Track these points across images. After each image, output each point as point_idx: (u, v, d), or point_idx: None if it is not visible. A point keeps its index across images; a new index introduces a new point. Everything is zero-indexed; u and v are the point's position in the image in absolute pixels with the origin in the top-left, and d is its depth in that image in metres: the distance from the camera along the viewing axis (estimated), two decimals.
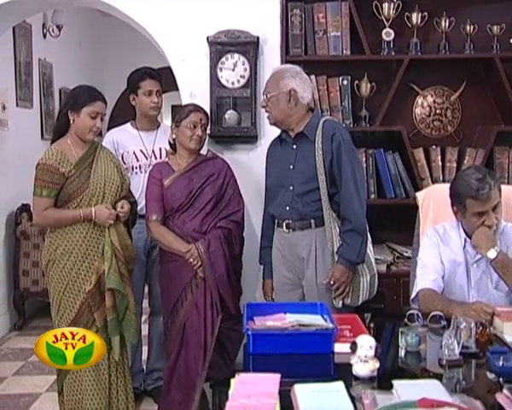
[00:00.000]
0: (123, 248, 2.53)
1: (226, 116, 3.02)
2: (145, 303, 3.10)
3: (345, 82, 3.06)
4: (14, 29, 4.31)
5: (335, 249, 2.41)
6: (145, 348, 3.12)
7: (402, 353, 1.70)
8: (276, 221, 2.54)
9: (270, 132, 2.88)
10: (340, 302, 2.42)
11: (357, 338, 1.54)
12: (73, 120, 2.49)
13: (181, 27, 3.05)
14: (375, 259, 2.80)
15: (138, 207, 2.76)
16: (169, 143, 2.78)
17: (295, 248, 2.48)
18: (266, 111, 2.49)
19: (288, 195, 2.46)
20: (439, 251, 2.19)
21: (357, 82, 3.07)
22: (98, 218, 2.47)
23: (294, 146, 2.48)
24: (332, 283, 2.38)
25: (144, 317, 3.22)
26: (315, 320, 1.79)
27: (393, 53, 3.06)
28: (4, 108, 4.22)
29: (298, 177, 2.44)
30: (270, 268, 2.61)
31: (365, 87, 3.07)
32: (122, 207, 2.52)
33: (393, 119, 3.11)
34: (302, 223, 2.45)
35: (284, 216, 2.48)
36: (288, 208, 2.46)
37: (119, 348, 2.51)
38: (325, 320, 1.81)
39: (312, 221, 2.44)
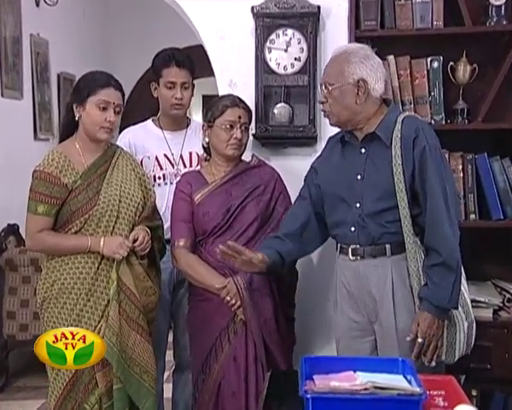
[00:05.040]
0: (140, 293, 2.63)
1: (275, 111, 3.10)
2: (169, 355, 3.19)
3: (435, 64, 3.09)
4: None
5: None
6: None
7: None
8: (339, 246, 2.59)
9: (333, 133, 2.93)
10: (433, 361, 2.41)
11: (454, 409, 1.58)
12: (80, 116, 2.62)
13: None
14: (477, 301, 2.82)
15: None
16: (202, 146, 2.89)
17: (365, 281, 2.51)
18: (324, 109, 2.54)
19: (354, 213, 2.50)
20: None
21: (452, 64, 3.09)
22: (107, 248, 2.57)
23: (363, 150, 2.52)
24: (420, 340, 2.38)
25: (167, 373, 3.31)
26: (395, 382, 1.83)
27: (505, 22, 3.05)
28: None
29: (368, 191, 2.48)
30: (267, 247, 2.57)
31: (463, 71, 3.08)
32: (136, 240, 2.60)
33: (502, 112, 3.11)
34: (374, 249, 2.48)
35: (349, 239, 2.52)
36: (353, 229, 2.50)
37: None
38: (409, 382, 1.85)
39: (388, 247, 2.47)
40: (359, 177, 2.50)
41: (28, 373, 4.46)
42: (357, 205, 2.49)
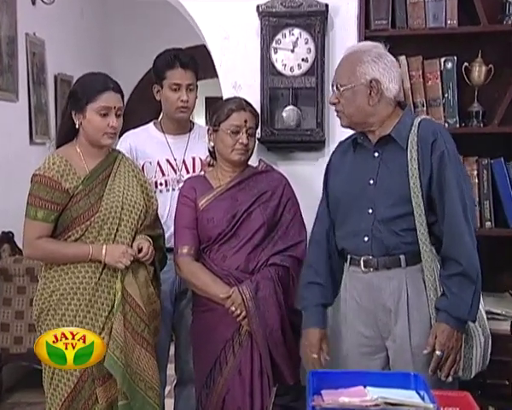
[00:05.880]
0: (145, 303, 2.64)
1: (284, 114, 3.12)
2: (170, 369, 3.20)
3: (449, 65, 3.10)
4: None
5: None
6: None
7: None
8: (349, 258, 2.59)
9: (342, 136, 2.95)
10: (450, 376, 2.41)
11: None
12: (80, 123, 2.64)
13: None
14: (493, 314, 2.81)
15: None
16: (208, 150, 2.91)
17: (378, 294, 2.51)
18: (337, 110, 2.56)
19: (367, 220, 2.50)
20: None
21: (466, 64, 3.10)
22: (110, 257, 2.58)
23: (376, 154, 2.53)
24: (438, 352, 2.38)
25: (168, 388, 3.33)
26: (407, 397, 1.84)
27: None
28: None
29: (382, 196, 2.49)
30: (317, 312, 2.61)
31: (478, 71, 3.09)
32: (140, 250, 2.62)
33: None
34: (388, 259, 2.49)
35: (361, 250, 2.53)
36: (366, 239, 2.51)
37: None
38: (422, 398, 1.86)
39: (402, 257, 2.47)
40: (372, 181, 2.51)
41: (23, 388, 4.48)
42: (370, 211, 2.50)
